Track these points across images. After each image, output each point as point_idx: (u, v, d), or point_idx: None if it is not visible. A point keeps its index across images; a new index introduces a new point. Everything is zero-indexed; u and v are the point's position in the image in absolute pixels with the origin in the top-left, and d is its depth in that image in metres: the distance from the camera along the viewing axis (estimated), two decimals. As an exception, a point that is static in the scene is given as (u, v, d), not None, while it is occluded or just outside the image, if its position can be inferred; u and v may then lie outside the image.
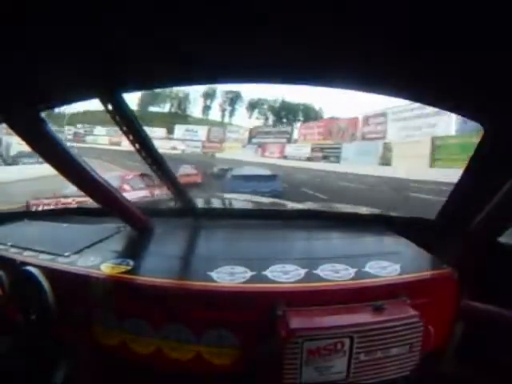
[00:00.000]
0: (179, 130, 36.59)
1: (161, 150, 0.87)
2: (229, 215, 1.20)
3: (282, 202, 2.05)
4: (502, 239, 0.78)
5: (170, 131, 35.83)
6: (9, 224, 1.18)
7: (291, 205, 1.76)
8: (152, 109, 39.76)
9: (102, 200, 0.88)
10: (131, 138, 0.74)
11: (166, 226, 1.08)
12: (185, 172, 9.69)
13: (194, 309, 0.67)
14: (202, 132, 36.05)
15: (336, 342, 0.58)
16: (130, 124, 0.70)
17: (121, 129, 0.70)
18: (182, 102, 40.80)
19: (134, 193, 4.37)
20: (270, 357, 0.61)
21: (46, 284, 0.76)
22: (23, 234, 1.08)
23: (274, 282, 0.69)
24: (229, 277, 0.71)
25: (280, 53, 0.51)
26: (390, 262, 0.76)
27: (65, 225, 1.14)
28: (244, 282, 0.69)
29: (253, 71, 0.59)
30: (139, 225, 1.01)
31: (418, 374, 0.63)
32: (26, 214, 1.29)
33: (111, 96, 0.64)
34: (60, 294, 0.76)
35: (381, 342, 0.59)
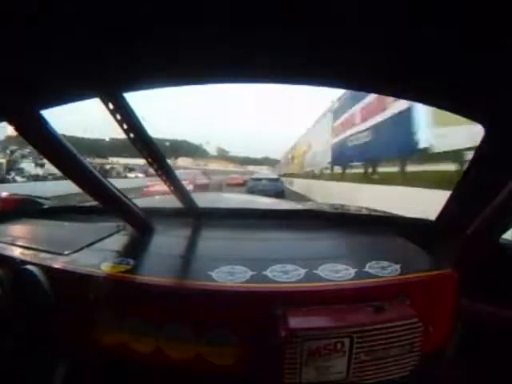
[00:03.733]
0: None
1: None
2: (229, 215, 1.20)
3: (282, 202, 2.05)
4: (502, 239, 0.78)
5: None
6: (9, 222, 1.18)
7: (291, 205, 1.76)
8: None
9: (102, 199, 0.88)
10: (132, 136, 0.74)
11: (167, 225, 1.08)
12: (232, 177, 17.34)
13: (194, 308, 0.67)
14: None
15: (336, 342, 0.58)
16: (130, 123, 0.70)
17: (121, 128, 0.70)
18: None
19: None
20: (270, 357, 0.61)
21: (45, 283, 0.76)
22: (23, 233, 1.08)
23: (274, 281, 0.69)
24: (229, 276, 0.71)
25: (280, 52, 0.51)
26: (390, 262, 0.76)
27: (65, 223, 1.14)
28: (244, 282, 0.69)
29: (253, 71, 0.58)
30: (140, 224, 1.01)
31: (418, 374, 0.63)
32: (26, 213, 1.29)
33: (112, 95, 0.64)
34: (60, 293, 0.75)
35: (381, 342, 0.59)
